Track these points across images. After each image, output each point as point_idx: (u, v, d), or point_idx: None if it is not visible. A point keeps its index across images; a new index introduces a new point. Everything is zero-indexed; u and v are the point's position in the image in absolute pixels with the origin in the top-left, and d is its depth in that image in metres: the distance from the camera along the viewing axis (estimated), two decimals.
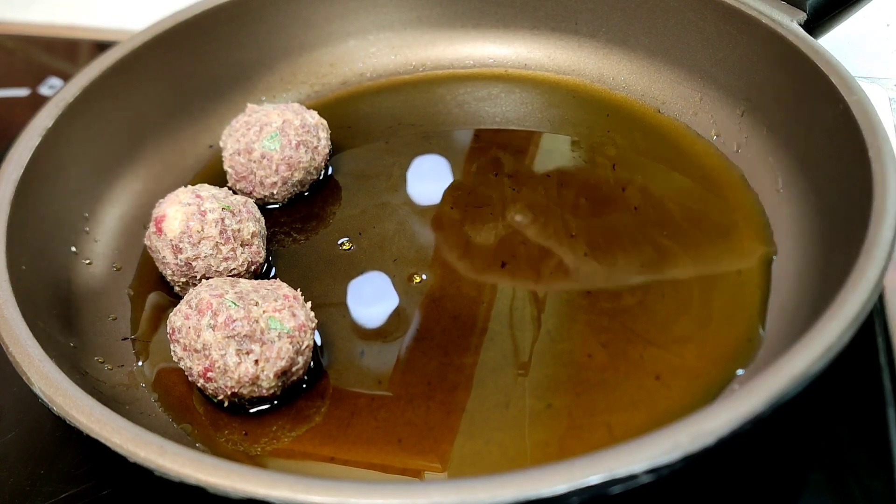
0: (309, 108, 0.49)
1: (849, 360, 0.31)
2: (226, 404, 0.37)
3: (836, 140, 0.39)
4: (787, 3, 0.46)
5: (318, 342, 0.40)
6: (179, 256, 0.40)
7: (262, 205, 0.48)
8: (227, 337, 0.35)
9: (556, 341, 0.39)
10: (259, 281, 0.39)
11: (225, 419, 0.38)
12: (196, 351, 0.36)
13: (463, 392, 0.37)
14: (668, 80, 0.52)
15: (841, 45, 0.48)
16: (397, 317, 0.41)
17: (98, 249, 0.46)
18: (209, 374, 0.36)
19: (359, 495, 0.26)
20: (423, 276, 0.43)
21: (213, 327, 0.35)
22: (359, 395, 0.38)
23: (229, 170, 0.47)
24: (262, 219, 0.44)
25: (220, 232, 0.40)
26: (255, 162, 0.46)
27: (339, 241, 0.46)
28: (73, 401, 0.31)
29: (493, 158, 0.50)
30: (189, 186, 0.43)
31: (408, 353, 0.40)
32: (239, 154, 0.46)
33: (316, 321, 0.38)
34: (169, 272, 0.41)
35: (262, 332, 0.36)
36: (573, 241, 0.44)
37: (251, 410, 0.38)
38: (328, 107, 0.55)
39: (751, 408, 0.27)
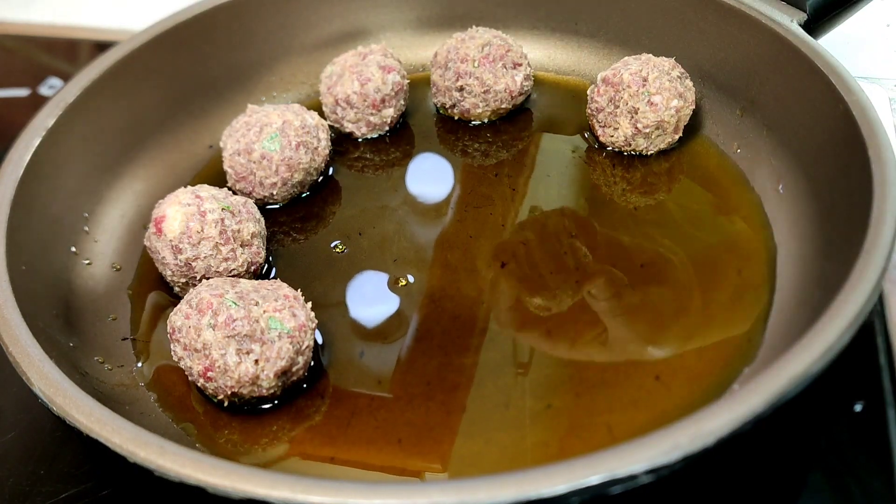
0: (309, 108, 0.49)
1: (849, 360, 0.31)
2: (226, 404, 0.37)
3: (836, 140, 0.39)
4: (787, 3, 0.46)
5: (319, 342, 0.40)
6: (179, 257, 0.40)
7: (261, 205, 0.48)
8: (228, 336, 0.35)
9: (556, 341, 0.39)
10: (259, 281, 0.39)
11: (225, 419, 0.38)
12: (196, 350, 0.36)
13: (463, 392, 0.37)
14: None
15: (841, 45, 0.48)
16: (397, 317, 0.41)
17: (98, 249, 0.46)
18: (209, 374, 0.36)
19: (359, 495, 0.26)
20: (423, 278, 0.43)
21: (214, 327, 0.35)
22: (359, 395, 0.38)
23: (229, 170, 0.47)
24: (262, 219, 0.44)
25: (220, 232, 0.40)
26: (254, 162, 0.46)
27: (333, 244, 0.46)
28: (73, 401, 0.31)
29: (493, 158, 0.50)
30: (189, 187, 0.43)
31: (408, 354, 0.40)
32: (239, 154, 0.46)
33: (316, 321, 0.38)
34: (169, 272, 0.41)
35: (262, 332, 0.36)
36: (573, 241, 0.44)
37: (251, 410, 0.38)
38: None
39: (751, 408, 0.27)
